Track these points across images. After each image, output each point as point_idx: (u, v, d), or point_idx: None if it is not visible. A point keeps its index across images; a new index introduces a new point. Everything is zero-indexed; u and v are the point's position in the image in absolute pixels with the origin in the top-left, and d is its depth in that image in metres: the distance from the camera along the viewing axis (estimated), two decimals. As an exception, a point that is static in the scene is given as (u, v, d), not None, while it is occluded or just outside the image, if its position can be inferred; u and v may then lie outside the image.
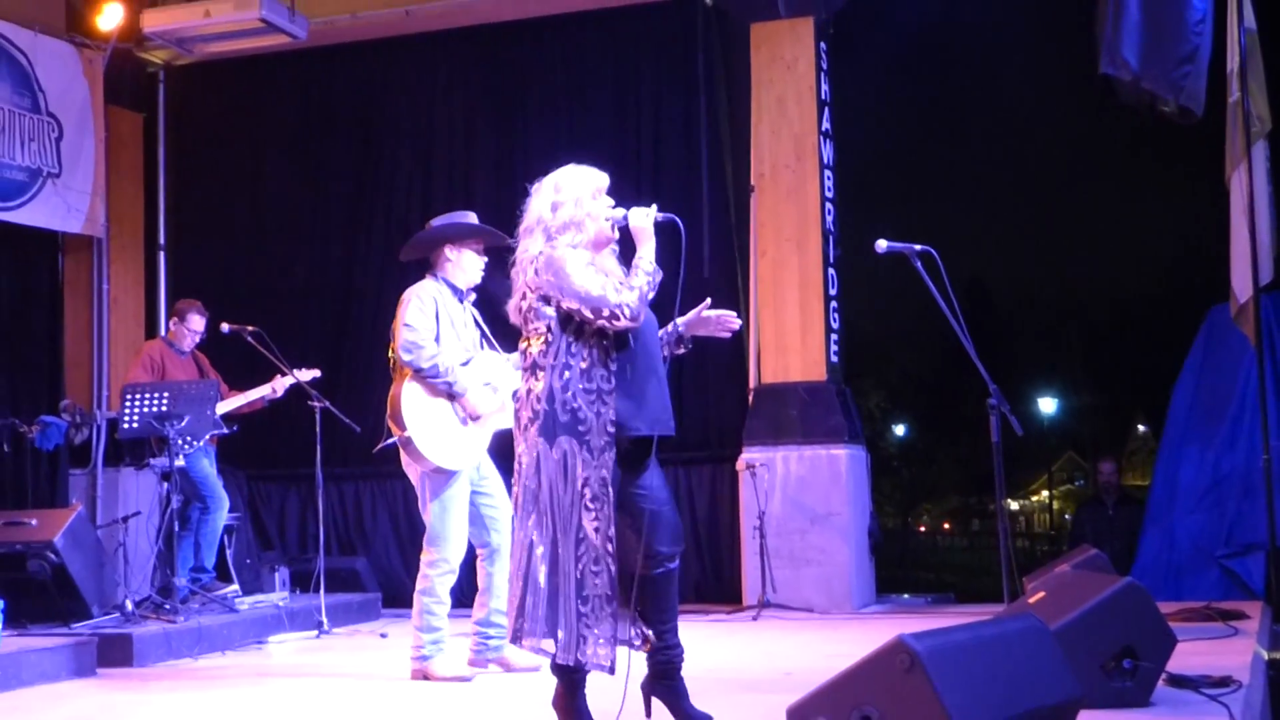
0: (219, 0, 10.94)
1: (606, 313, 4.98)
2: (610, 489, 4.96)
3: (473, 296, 7.04)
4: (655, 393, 5.20)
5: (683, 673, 5.22)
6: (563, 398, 5.00)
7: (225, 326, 9.36)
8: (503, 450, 6.30)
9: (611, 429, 4.99)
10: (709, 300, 5.46)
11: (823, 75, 10.58)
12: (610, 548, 4.94)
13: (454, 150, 11.92)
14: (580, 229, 5.21)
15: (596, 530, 4.94)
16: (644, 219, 5.20)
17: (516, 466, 5.14)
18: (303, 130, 12.44)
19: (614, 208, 5.30)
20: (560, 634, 4.96)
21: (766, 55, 10.60)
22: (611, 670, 4.96)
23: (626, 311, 4.99)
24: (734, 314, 5.46)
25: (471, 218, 7.12)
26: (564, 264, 5.07)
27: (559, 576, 4.97)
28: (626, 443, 5.07)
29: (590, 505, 4.94)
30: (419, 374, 6.70)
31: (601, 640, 4.95)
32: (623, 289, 5.02)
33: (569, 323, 5.06)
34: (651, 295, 5.12)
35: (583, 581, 4.94)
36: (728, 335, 5.53)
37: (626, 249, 5.30)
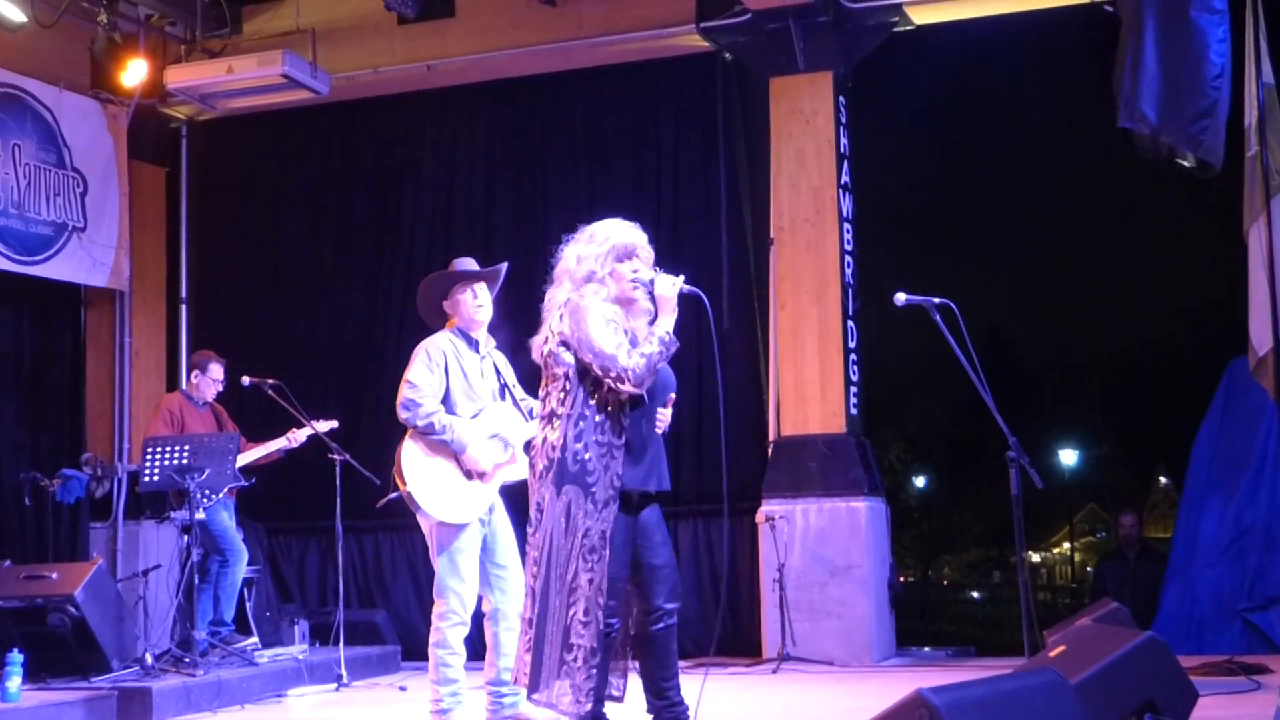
0: (242, 56, 11.08)
1: (614, 374, 5.04)
2: (608, 543, 4.99)
3: (492, 343, 7.03)
4: (657, 451, 5.27)
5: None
6: (574, 448, 5.06)
7: (246, 379, 9.39)
8: (521, 504, 6.31)
9: (618, 483, 5.03)
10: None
11: (842, 129, 10.62)
12: (601, 600, 4.97)
13: (474, 203, 11.97)
14: (602, 284, 5.27)
15: (590, 582, 4.98)
16: (669, 289, 5.23)
17: (531, 514, 5.19)
18: (324, 184, 12.52)
19: (640, 271, 5.33)
20: (542, 681, 5.02)
21: (785, 109, 10.65)
22: None
23: (631, 377, 5.04)
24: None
25: (469, 264, 7.10)
26: (585, 315, 5.13)
27: (549, 624, 5.01)
28: (632, 497, 5.12)
29: (587, 557, 4.98)
30: (416, 430, 6.72)
31: (581, 692, 4.97)
32: (633, 354, 5.06)
33: (586, 375, 5.12)
34: (661, 365, 5.15)
35: (569, 630, 4.97)
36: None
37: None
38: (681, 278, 5.33)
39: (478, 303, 6.92)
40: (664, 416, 5.38)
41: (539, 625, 5.05)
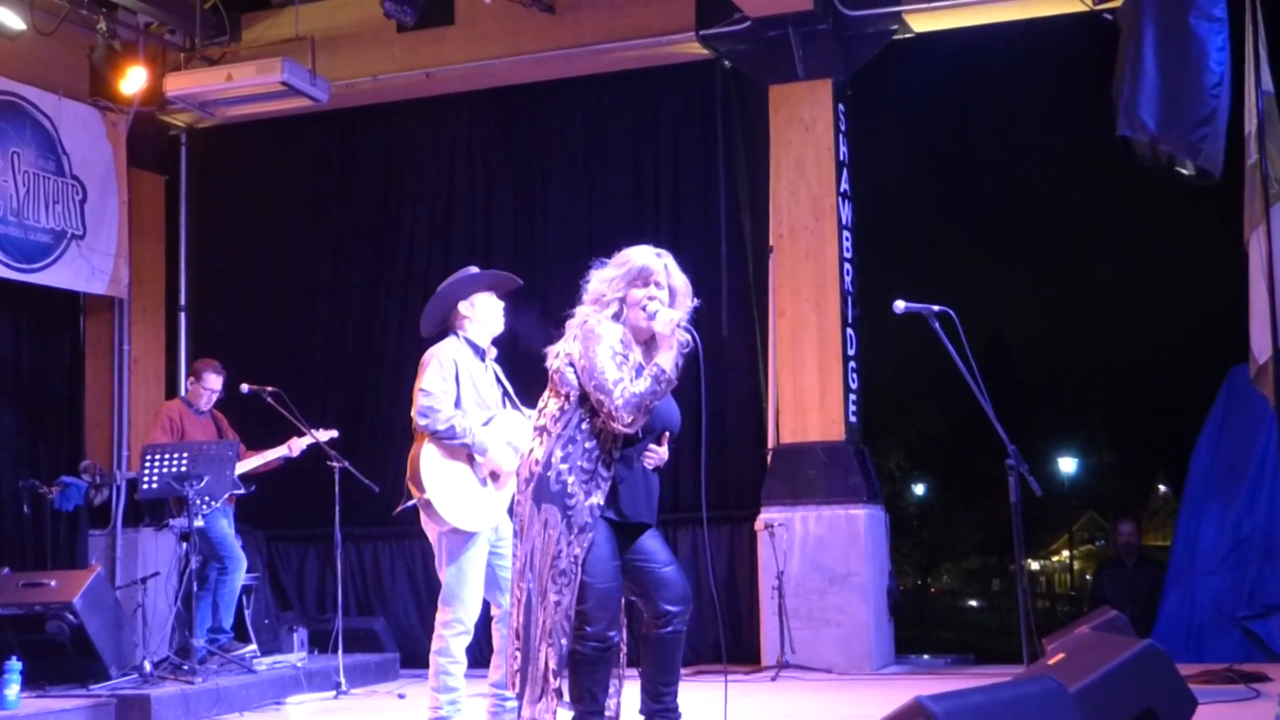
0: (241, 64, 11.08)
1: (606, 408, 5.02)
2: (579, 568, 4.99)
3: (494, 353, 7.00)
4: (646, 485, 5.27)
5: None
6: (558, 468, 5.05)
7: (245, 387, 9.39)
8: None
9: (597, 512, 5.03)
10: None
11: (841, 136, 10.62)
12: (566, 626, 4.99)
13: (474, 211, 11.96)
14: (607, 307, 5.25)
15: (558, 605, 5.00)
16: (666, 325, 5.15)
17: (514, 524, 5.21)
18: (323, 192, 12.51)
19: (652, 301, 5.25)
20: (523, 691, 5.08)
21: (785, 117, 10.65)
22: None
23: (623, 418, 5.01)
24: None
25: (474, 270, 7.06)
26: (595, 342, 5.10)
27: (532, 640, 5.06)
28: (622, 526, 5.12)
29: (557, 579, 5.00)
30: (436, 436, 6.67)
31: (547, 712, 5.03)
32: (626, 393, 5.01)
33: (586, 400, 5.10)
34: (654, 403, 5.09)
35: (541, 649, 5.01)
36: None
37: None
38: (679, 314, 5.23)
39: (500, 310, 6.92)
40: (657, 453, 5.34)
41: (526, 639, 5.08)
